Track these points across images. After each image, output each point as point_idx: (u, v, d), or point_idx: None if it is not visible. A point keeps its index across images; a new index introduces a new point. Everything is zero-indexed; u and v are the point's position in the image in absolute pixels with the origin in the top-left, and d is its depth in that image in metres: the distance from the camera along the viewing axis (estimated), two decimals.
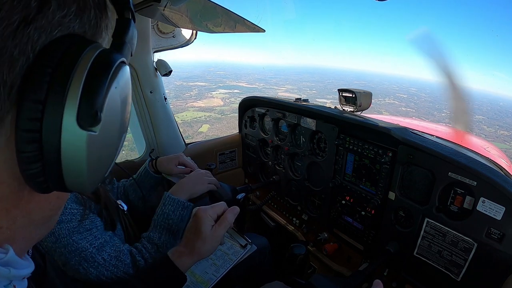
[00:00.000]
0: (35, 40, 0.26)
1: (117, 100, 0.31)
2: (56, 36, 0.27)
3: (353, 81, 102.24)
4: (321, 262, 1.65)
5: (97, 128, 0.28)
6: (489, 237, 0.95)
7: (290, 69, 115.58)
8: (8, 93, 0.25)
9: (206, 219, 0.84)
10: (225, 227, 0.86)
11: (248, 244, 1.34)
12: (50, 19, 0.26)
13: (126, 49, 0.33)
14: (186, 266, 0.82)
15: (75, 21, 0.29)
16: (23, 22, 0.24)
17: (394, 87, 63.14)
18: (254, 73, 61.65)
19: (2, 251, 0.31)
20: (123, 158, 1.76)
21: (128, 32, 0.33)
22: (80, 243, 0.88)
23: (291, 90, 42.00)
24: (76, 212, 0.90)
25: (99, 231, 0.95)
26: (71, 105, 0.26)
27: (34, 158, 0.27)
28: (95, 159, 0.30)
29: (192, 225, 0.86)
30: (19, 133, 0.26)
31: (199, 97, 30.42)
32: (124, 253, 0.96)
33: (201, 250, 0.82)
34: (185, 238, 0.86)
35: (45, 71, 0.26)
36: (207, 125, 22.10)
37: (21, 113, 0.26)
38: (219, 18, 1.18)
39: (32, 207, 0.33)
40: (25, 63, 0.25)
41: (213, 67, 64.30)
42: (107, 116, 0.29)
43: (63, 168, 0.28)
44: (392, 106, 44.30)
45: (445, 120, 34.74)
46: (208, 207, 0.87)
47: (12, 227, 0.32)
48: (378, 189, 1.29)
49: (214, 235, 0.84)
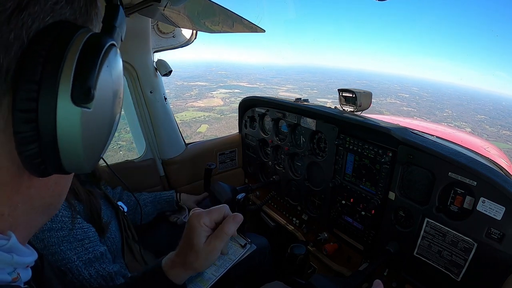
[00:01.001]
0: (29, 25, 0.27)
1: (109, 79, 0.32)
2: (49, 22, 0.28)
3: (354, 81, 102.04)
4: (321, 262, 1.65)
5: (91, 105, 0.29)
6: (489, 237, 0.94)
7: (292, 69, 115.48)
8: (4, 76, 0.26)
9: (199, 230, 0.68)
10: (222, 240, 0.69)
11: (247, 244, 1.34)
12: (42, 6, 0.28)
13: (116, 33, 0.34)
14: (179, 278, 0.72)
15: (66, 7, 0.30)
16: (17, 9, 0.26)
17: (395, 86, 63.07)
18: (255, 73, 61.62)
19: (4, 238, 0.32)
20: (123, 158, 1.76)
21: (117, 17, 0.35)
22: (67, 254, 0.86)
23: (292, 90, 41.97)
24: (68, 220, 0.88)
25: (92, 243, 0.93)
26: (65, 83, 0.28)
27: (30, 138, 0.28)
28: (90, 137, 0.31)
29: (185, 233, 0.71)
30: (16, 114, 0.27)
31: (199, 97, 30.40)
32: (112, 276, 0.93)
33: (193, 264, 0.69)
34: (179, 247, 0.73)
35: (39, 54, 0.27)
36: (206, 125, 22.10)
37: (18, 94, 0.27)
38: (219, 18, 1.18)
39: (32, 193, 0.34)
40: (19, 48, 0.27)
41: (214, 67, 64.29)
42: (100, 94, 0.30)
43: (59, 147, 0.29)
44: (394, 106, 44.25)
45: (447, 119, 34.67)
46: (204, 212, 0.71)
47: (14, 213, 0.32)
48: (378, 189, 1.28)
49: (210, 249, 0.67)
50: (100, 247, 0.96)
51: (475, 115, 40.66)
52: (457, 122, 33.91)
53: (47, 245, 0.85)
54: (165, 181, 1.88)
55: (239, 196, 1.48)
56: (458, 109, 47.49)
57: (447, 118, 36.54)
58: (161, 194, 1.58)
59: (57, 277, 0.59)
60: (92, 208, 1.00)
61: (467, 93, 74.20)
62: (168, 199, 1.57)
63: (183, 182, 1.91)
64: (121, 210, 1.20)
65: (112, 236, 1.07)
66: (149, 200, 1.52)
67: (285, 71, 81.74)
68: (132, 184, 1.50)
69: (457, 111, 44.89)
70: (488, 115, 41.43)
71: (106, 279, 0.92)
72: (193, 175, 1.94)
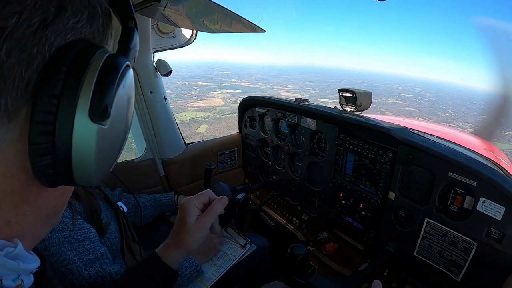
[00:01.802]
0: (51, 41, 0.28)
1: (124, 99, 0.34)
2: (70, 39, 0.30)
3: (356, 81, 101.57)
4: (321, 262, 1.65)
5: (106, 122, 0.31)
6: (489, 237, 0.94)
7: (293, 69, 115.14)
8: (25, 88, 0.27)
9: (190, 209, 0.80)
10: (210, 217, 0.80)
11: (247, 244, 1.34)
12: (65, 24, 0.29)
13: (131, 54, 0.36)
14: (173, 260, 0.80)
15: (87, 27, 0.32)
16: (42, 24, 0.27)
17: (397, 86, 62.81)
18: (257, 73, 61.44)
19: (11, 245, 0.32)
20: (120, 158, 1.76)
21: (133, 40, 0.37)
22: (68, 255, 0.87)
23: (294, 90, 41.80)
24: (68, 221, 0.89)
25: (93, 244, 0.94)
26: (84, 100, 0.29)
27: (46, 150, 0.29)
28: (103, 152, 0.32)
29: (178, 216, 0.82)
30: (33, 126, 0.28)
31: (200, 97, 30.32)
32: (112, 276, 0.94)
33: (186, 241, 0.78)
34: (173, 231, 0.83)
35: (60, 69, 0.28)
36: (206, 125, 22.06)
37: (37, 106, 0.28)
38: (219, 18, 1.18)
39: (39, 203, 0.34)
40: (42, 61, 0.28)
41: (216, 67, 64.14)
42: (115, 112, 0.31)
43: (72, 159, 0.30)
44: (396, 106, 44.10)
45: (449, 120, 34.49)
46: (192, 196, 0.83)
47: (21, 222, 0.33)
48: (378, 189, 1.28)
49: (199, 226, 0.79)
50: (101, 248, 0.96)
51: (477, 116, 40.41)
52: (459, 123, 33.77)
53: (48, 246, 0.85)
54: (165, 181, 1.88)
55: (239, 196, 1.48)
56: (460, 109, 47.28)
57: (449, 119, 36.36)
58: (160, 197, 1.58)
59: (58, 278, 0.61)
60: (92, 209, 1.00)
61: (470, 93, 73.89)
62: (167, 202, 1.57)
63: (183, 182, 1.91)
64: (121, 211, 1.20)
65: (112, 236, 1.07)
66: (149, 203, 1.52)
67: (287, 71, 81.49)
68: (132, 184, 1.50)
69: (459, 111, 44.66)
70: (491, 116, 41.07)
71: (106, 280, 0.92)
72: (193, 175, 1.94)
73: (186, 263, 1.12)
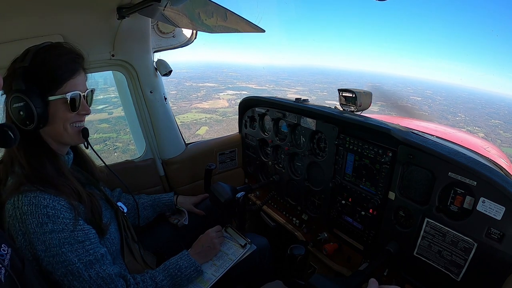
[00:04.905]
0: None
1: None
2: None
3: (366, 83, 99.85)
4: (321, 262, 1.65)
5: None
6: (489, 237, 0.94)
7: (304, 71, 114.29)
8: None
9: None
10: None
11: (247, 244, 1.34)
12: None
13: None
14: None
15: None
16: None
17: (408, 89, 62.24)
18: (266, 74, 60.94)
19: None
20: (117, 160, 1.76)
21: None
22: (68, 256, 0.87)
23: (302, 92, 41.30)
24: (69, 222, 0.89)
25: (93, 244, 0.94)
26: None
27: None
28: None
29: None
30: None
31: (205, 98, 30.10)
32: (112, 277, 0.94)
33: None
34: None
35: None
36: (206, 127, 21.98)
37: None
38: (219, 18, 1.19)
39: None
40: None
41: (226, 68, 63.69)
42: None
43: None
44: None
45: (459, 124, 34.08)
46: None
47: None
48: (378, 189, 1.28)
49: None
50: (101, 249, 0.96)
51: (489, 120, 39.99)
52: (469, 127, 33.30)
53: (48, 247, 0.85)
54: (165, 181, 1.88)
55: (239, 195, 1.48)
56: (471, 113, 46.72)
57: (459, 123, 35.88)
58: (160, 198, 1.57)
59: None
60: (94, 210, 1.00)
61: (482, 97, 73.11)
62: (167, 203, 1.56)
63: (183, 182, 1.91)
64: (120, 211, 1.20)
65: (112, 237, 1.07)
66: (149, 204, 1.52)
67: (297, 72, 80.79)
68: (132, 184, 1.50)
69: (470, 115, 44.05)
70: (503, 120, 40.37)
71: (106, 281, 0.92)
72: (193, 175, 1.94)
73: (186, 264, 1.12)
